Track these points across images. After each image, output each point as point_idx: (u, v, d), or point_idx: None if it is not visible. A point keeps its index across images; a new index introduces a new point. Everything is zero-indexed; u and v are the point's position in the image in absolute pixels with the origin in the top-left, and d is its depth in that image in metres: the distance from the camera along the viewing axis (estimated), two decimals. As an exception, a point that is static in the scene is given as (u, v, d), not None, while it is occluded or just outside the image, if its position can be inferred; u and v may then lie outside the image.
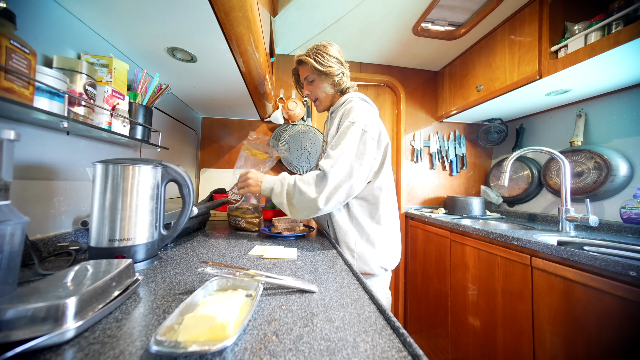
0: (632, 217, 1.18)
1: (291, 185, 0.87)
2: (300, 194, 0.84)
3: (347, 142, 0.85)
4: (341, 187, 0.82)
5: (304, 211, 0.86)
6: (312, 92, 1.07)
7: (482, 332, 1.23)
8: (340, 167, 0.82)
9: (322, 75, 1.02)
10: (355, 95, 1.04)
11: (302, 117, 2.02)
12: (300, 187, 0.85)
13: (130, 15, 0.76)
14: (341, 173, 0.82)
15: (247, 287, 0.48)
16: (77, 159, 0.82)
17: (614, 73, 1.20)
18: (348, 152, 0.84)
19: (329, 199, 0.82)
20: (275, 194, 0.89)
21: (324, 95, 1.06)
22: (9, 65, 0.50)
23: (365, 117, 0.90)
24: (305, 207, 0.84)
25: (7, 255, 0.38)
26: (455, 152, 2.20)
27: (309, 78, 1.05)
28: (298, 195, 0.85)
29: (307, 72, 1.04)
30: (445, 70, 2.12)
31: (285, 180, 0.89)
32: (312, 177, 0.86)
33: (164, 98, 1.33)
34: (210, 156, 1.96)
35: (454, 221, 1.51)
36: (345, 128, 0.88)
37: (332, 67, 1.00)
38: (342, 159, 0.83)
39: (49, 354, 0.31)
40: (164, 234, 0.72)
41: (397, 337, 0.37)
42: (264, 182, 0.92)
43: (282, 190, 0.88)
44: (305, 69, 1.04)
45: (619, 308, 0.76)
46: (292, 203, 0.86)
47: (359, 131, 0.87)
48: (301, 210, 0.86)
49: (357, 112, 0.91)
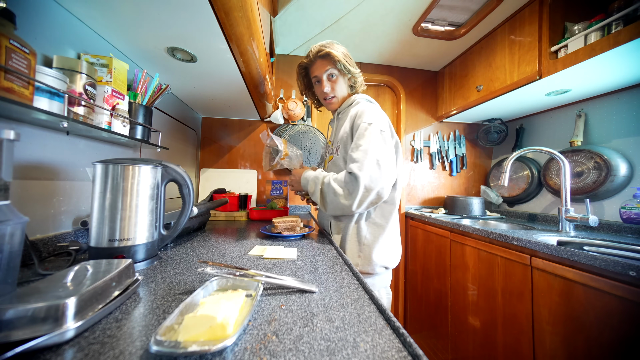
0: (632, 217, 1.18)
1: (325, 184, 0.90)
2: (334, 194, 0.86)
3: (369, 143, 0.85)
4: (372, 190, 0.83)
5: (337, 211, 0.89)
6: (332, 88, 1.02)
7: (482, 332, 1.23)
8: (368, 169, 0.82)
9: (345, 73, 1.00)
10: (361, 97, 1.03)
11: (302, 117, 2.02)
12: (334, 188, 0.87)
13: (130, 15, 0.76)
14: (371, 175, 0.82)
15: (247, 287, 0.48)
16: (77, 159, 0.82)
17: (614, 73, 1.20)
18: (373, 153, 0.84)
19: (361, 203, 0.83)
20: (310, 193, 0.96)
21: (341, 94, 1.04)
22: (9, 65, 0.50)
23: (379, 117, 0.91)
24: (338, 208, 0.87)
25: (7, 255, 0.38)
26: (455, 152, 2.20)
27: (331, 73, 1.00)
28: (332, 196, 0.87)
29: (330, 65, 0.98)
30: (445, 70, 2.12)
31: (318, 179, 0.93)
32: (343, 180, 0.86)
33: (164, 98, 1.33)
34: (210, 156, 1.96)
35: (454, 221, 1.51)
36: (363, 130, 0.88)
37: (355, 67, 1.00)
38: (369, 161, 0.83)
39: (49, 354, 0.31)
40: (164, 234, 0.72)
41: (397, 337, 0.37)
42: (302, 180, 0.99)
43: (315, 190, 0.92)
44: (328, 63, 0.98)
45: (619, 308, 0.76)
46: (326, 201, 0.90)
47: (377, 132, 0.87)
48: (334, 210, 0.89)
49: (370, 113, 0.91)
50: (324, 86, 1.01)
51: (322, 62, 0.99)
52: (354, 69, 1.00)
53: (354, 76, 1.01)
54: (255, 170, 1.99)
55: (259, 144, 2.02)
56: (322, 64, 0.99)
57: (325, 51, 0.96)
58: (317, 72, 1.01)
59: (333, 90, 1.02)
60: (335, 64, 0.97)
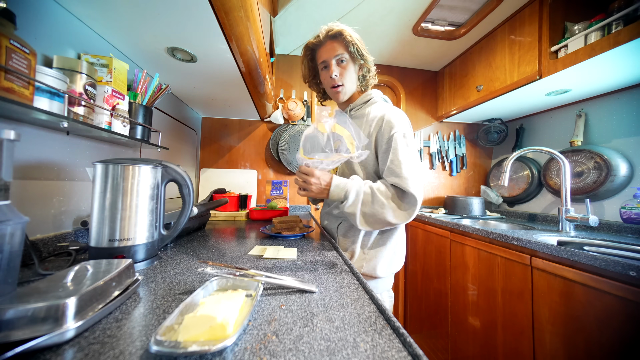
0: (632, 217, 1.18)
1: (368, 194, 0.81)
2: (381, 207, 0.79)
3: (410, 158, 0.81)
4: (420, 205, 0.80)
5: (376, 225, 0.81)
6: (341, 74, 0.90)
7: (482, 332, 1.23)
8: (416, 186, 0.79)
9: (357, 60, 0.89)
10: (377, 95, 0.97)
11: (302, 117, 2.02)
12: (382, 200, 0.79)
13: (130, 15, 0.77)
14: (419, 192, 0.79)
15: (247, 287, 0.48)
16: (77, 159, 0.82)
17: (614, 73, 1.20)
18: (416, 169, 0.81)
19: (408, 218, 0.81)
20: (346, 204, 0.81)
21: (350, 84, 0.92)
22: (9, 65, 0.50)
23: (407, 124, 0.87)
24: (381, 222, 0.80)
25: (7, 255, 0.38)
26: (455, 152, 2.20)
27: (343, 57, 0.88)
28: (378, 208, 0.79)
29: (342, 49, 0.87)
30: (445, 70, 2.12)
31: (361, 189, 0.81)
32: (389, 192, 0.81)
33: (164, 98, 1.33)
34: (210, 156, 1.96)
35: (454, 221, 1.51)
36: (399, 142, 0.82)
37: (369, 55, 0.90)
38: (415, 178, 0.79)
39: (49, 354, 0.31)
40: (164, 234, 0.72)
41: (397, 337, 0.37)
42: (333, 187, 0.82)
43: (357, 201, 0.80)
44: (337, 45, 0.87)
45: (619, 308, 0.76)
46: (366, 214, 0.80)
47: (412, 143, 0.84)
48: (373, 223, 0.81)
49: (399, 120, 0.85)
50: (332, 71, 0.88)
51: (332, 45, 0.88)
52: (368, 55, 0.90)
53: (367, 63, 0.91)
54: (255, 170, 1.99)
55: (259, 144, 2.02)
56: (332, 47, 0.88)
57: (336, 29, 0.86)
58: (325, 56, 0.89)
59: (342, 77, 0.90)
60: (347, 46, 0.86)
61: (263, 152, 2.02)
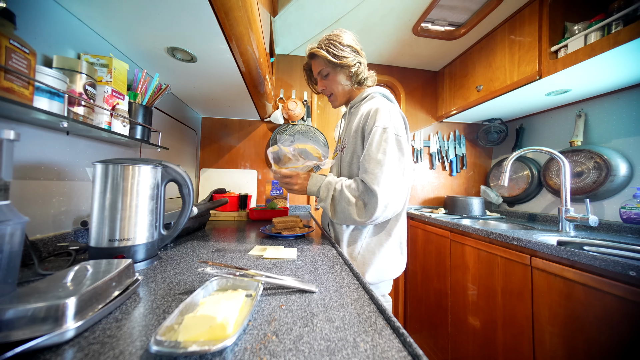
0: (632, 217, 1.18)
1: (337, 191, 0.85)
2: (347, 204, 0.81)
3: (385, 154, 0.79)
4: (388, 206, 0.78)
5: (347, 221, 0.84)
6: (327, 86, 0.98)
7: (482, 332, 1.23)
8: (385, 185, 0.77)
9: (337, 68, 0.93)
10: (377, 90, 0.97)
11: (302, 117, 2.02)
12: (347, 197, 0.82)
13: (130, 15, 0.77)
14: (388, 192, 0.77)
15: (247, 287, 0.48)
16: (77, 159, 0.82)
17: (614, 73, 1.20)
18: (389, 167, 0.78)
19: (376, 219, 0.80)
20: (320, 199, 0.89)
21: (340, 89, 0.98)
22: (9, 65, 0.50)
23: (394, 119, 0.84)
24: (349, 219, 0.82)
25: (7, 255, 0.38)
26: (455, 152, 2.20)
27: (323, 72, 0.96)
28: (345, 205, 0.82)
29: (321, 66, 0.95)
30: (445, 70, 2.12)
31: (331, 185, 0.87)
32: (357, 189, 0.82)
33: (163, 98, 1.33)
34: (210, 156, 1.96)
35: (454, 221, 1.51)
36: (377, 135, 0.81)
37: (347, 58, 0.90)
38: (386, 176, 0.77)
39: (49, 354, 0.31)
40: (164, 234, 0.72)
41: (397, 337, 0.37)
42: (310, 185, 0.90)
43: (327, 197, 0.86)
44: (319, 63, 0.96)
45: (619, 308, 0.76)
46: (337, 210, 0.85)
47: (393, 139, 0.80)
48: (344, 219, 0.84)
49: (384, 113, 0.83)
50: (319, 86, 1.01)
51: (315, 62, 0.98)
52: (350, 58, 0.91)
53: (348, 67, 0.92)
54: (255, 170, 1.99)
55: (259, 144, 2.02)
56: (315, 65, 0.99)
57: (309, 51, 0.96)
58: (314, 72, 1.00)
59: (328, 88, 0.99)
60: (325, 60, 0.93)
61: (263, 152, 2.02)
